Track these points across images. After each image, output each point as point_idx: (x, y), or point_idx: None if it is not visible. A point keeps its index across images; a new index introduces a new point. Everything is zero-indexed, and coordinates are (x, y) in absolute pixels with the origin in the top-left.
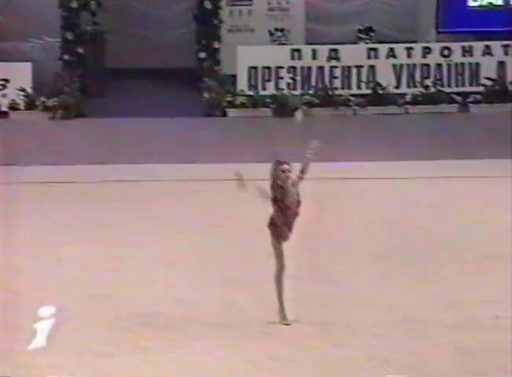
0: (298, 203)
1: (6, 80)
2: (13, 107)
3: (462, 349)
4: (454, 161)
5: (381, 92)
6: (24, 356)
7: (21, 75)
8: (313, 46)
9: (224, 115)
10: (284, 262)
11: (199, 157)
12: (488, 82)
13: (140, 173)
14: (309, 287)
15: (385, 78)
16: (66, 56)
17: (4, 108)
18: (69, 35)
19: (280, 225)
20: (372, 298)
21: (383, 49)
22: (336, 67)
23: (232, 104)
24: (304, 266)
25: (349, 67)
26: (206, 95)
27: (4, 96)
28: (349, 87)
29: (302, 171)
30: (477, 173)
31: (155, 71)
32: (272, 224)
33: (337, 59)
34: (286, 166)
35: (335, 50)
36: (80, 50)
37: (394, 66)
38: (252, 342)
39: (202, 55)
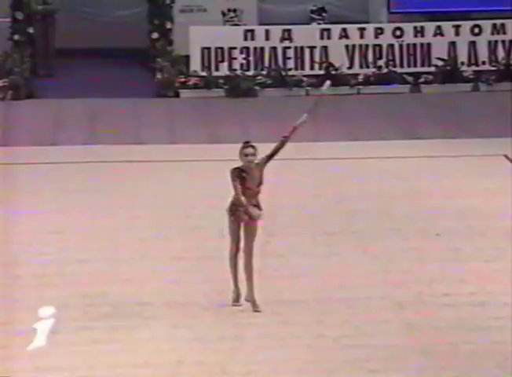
0: (260, 183)
1: None
2: None
3: (410, 326)
4: (404, 141)
5: (333, 72)
6: (24, 356)
7: None
8: (266, 27)
9: (177, 95)
10: (240, 244)
11: (150, 138)
12: (440, 63)
13: (91, 154)
14: (257, 266)
15: (338, 58)
16: (16, 36)
17: None
18: (19, 15)
19: (238, 206)
20: (320, 275)
21: (336, 29)
22: (289, 47)
23: (184, 85)
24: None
25: (302, 48)
26: (159, 76)
27: None
28: (302, 68)
29: (275, 151)
30: (428, 152)
31: (106, 50)
32: (233, 204)
33: (290, 39)
34: (250, 150)
35: (288, 31)
36: (30, 30)
37: (347, 46)
38: (202, 322)
39: (155, 35)
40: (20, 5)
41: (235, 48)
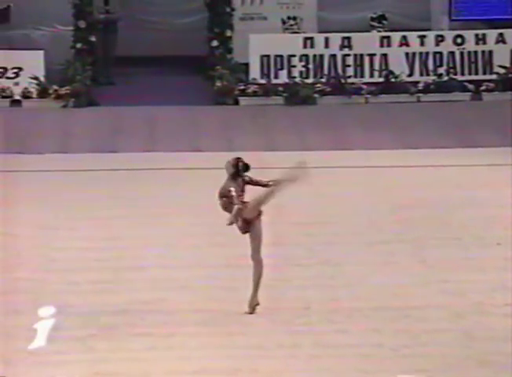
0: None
1: (19, 68)
2: (26, 95)
3: (468, 336)
4: (464, 149)
5: (393, 80)
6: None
7: (34, 63)
8: (326, 34)
9: (236, 103)
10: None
11: (208, 145)
12: (501, 70)
13: (151, 161)
14: (313, 274)
15: (398, 66)
16: (78, 45)
17: (17, 97)
18: (81, 23)
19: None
20: (377, 284)
21: (396, 37)
22: (349, 55)
23: (244, 93)
24: (308, 253)
25: (362, 56)
26: (218, 83)
27: (17, 84)
28: (362, 75)
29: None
30: (488, 161)
31: (166, 58)
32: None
33: (349, 47)
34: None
35: (348, 38)
36: (92, 38)
37: (407, 54)
38: (257, 329)
39: (215, 43)
40: (83, 14)
41: (294, 55)
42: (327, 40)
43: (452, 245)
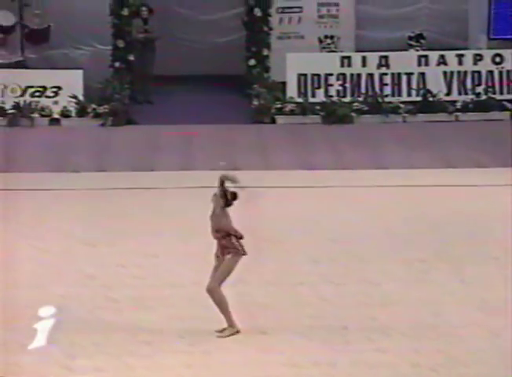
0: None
1: (58, 87)
2: (65, 114)
3: (507, 355)
4: (503, 169)
5: (431, 99)
6: (24, 356)
7: (73, 82)
8: (363, 53)
9: (273, 121)
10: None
11: (245, 163)
12: None
13: (188, 179)
14: (350, 292)
15: (436, 85)
16: (116, 64)
17: (56, 115)
18: (120, 43)
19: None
20: (414, 303)
21: (434, 56)
22: (386, 74)
23: (281, 111)
24: (344, 270)
25: (399, 74)
26: (256, 102)
27: (56, 103)
28: (399, 94)
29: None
30: None
31: (203, 77)
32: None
33: (387, 66)
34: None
35: (385, 57)
36: (130, 57)
37: (445, 73)
38: (294, 347)
39: (252, 62)
40: (122, 34)
41: (331, 74)
42: (364, 59)
43: (490, 263)
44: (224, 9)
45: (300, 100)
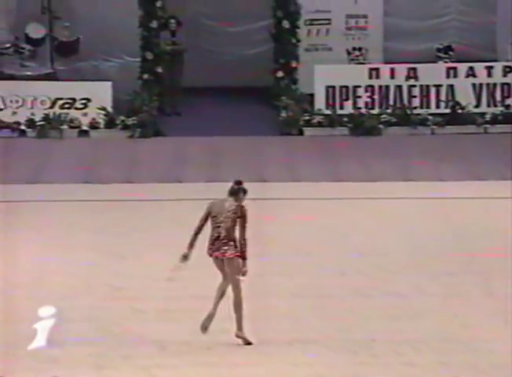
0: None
1: (87, 99)
2: (94, 125)
3: None
4: None
5: (460, 111)
6: (24, 356)
7: (101, 94)
8: (392, 65)
9: (301, 133)
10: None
11: (273, 175)
12: None
13: (216, 191)
14: (378, 304)
15: (465, 97)
16: (145, 76)
17: (85, 127)
18: (149, 55)
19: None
20: (443, 316)
21: (463, 67)
22: (414, 86)
23: (309, 123)
24: (372, 283)
25: (428, 86)
26: (283, 114)
27: (85, 115)
28: (428, 106)
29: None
30: None
31: (231, 89)
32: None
33: (415, 78)
34: None
35: (414, 69)
36: (159, 69)
37: (474, 85)
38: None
39: (280, 74)
40: (150, 46)
41: (359, 86)
42: (392, 71)
43: None
44: (252, 21)
45: (328, 112)
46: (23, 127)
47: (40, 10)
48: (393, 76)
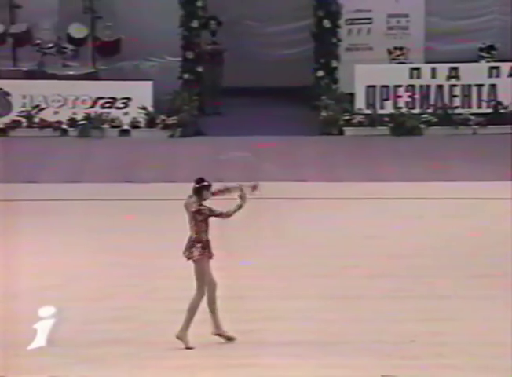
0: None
1: (128, 98)
2: (134, 125)
3: None
4: None
5: (502, 111)
6: (24, 356)
7: (142, 93)
8: (433, 65)
9: (341, 133)
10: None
11: (312, 175)
12: None
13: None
14: (415, 307)
15: (507, 96)
16: (185, 75)
17: (125, 126)
18: (189, 54)
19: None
20: (480, 318)
21: (505, 67)
22: (456, 85)
23: (349, 123)
24: (409, 285)
25: (470, 86)
26: (324, 113)
27: (126, 114)
28: (469, 106)
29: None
30: None
31: (272, 89)
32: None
33: (457, 77)
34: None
35: (455, 68)
36: (199, 69)
37: None
38: (355, 362)
39: (320, 73)
40: (191, 46)
41: (400, 86)
42: (433, 70)
43: None
44: (292, 21)
45: (368, 111)
46: (64, 126)
47: (82, 10)
48: (434, 76)
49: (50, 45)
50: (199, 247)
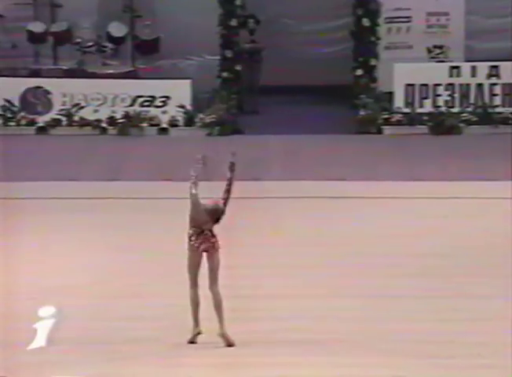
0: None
1: (167, 97)
2: (173, 123)
3: None
4: None
5: None
6: (24, 356)
7: (181, 91)
8: (473, 63)
9: (380, 132)
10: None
11: (350, 174)
12: None
13: (293, 189)
14: (454, 306)
15: None
16: (224, 74)
17: (164, 125)
18: (228, 53)
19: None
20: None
21: None
22: (496, 84)
23: (387, 122)
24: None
25: (510, 85)
26: (362, 112)
27: (164, 112)
28: (510, 105)
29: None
30: None
31: (310, 88)
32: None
33: (497, 76)
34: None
35: (496, 67)
36: (238, 68)
37: None
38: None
39: (359, 72)
40: (230, 44)
41: (440, 84)
42: (473, 69)
43: None
44: (330, 19)
45: (407, 110)
46: (104, 125)
47: (122, 9)
48: (474, 74)
49: (90, 43)
50: (215, 237)
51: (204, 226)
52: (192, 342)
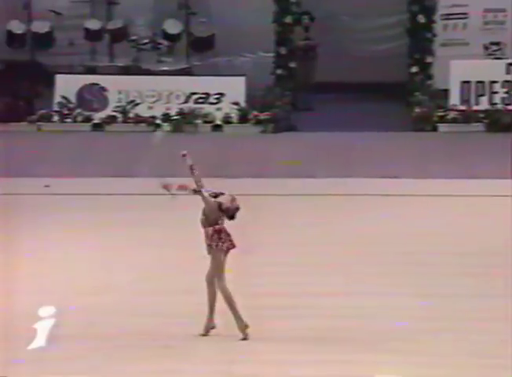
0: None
1: (221, 94)
2: (227, 120)
3: None
4: None
5: None
6: (24, 356)
7: (235, 88)
8: None
9: (435, 129)
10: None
11: (402, 171)
12: None
13: (347, 186)
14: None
15: None
16: (278, 71)
17: (218, 122)
18: (282, 50)
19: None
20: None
21: None
22: None
23: (443, 119)
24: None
25: None
26: (417, 109)
27: (219, 109)
28: None
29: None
30: None
31: (364, 85)
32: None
33: None
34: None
35: None
36: (292, 65)
37: None
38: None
39: (414, 69)
40: (284, 41)
41: (496, 82)
42: None
43: None
44: (385, 16)
45: (463, 107)
46: (158, 121)
47: (177, 6)
48: None
49: (145, 41)
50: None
51: (218, 224)
52: (244, 339)
